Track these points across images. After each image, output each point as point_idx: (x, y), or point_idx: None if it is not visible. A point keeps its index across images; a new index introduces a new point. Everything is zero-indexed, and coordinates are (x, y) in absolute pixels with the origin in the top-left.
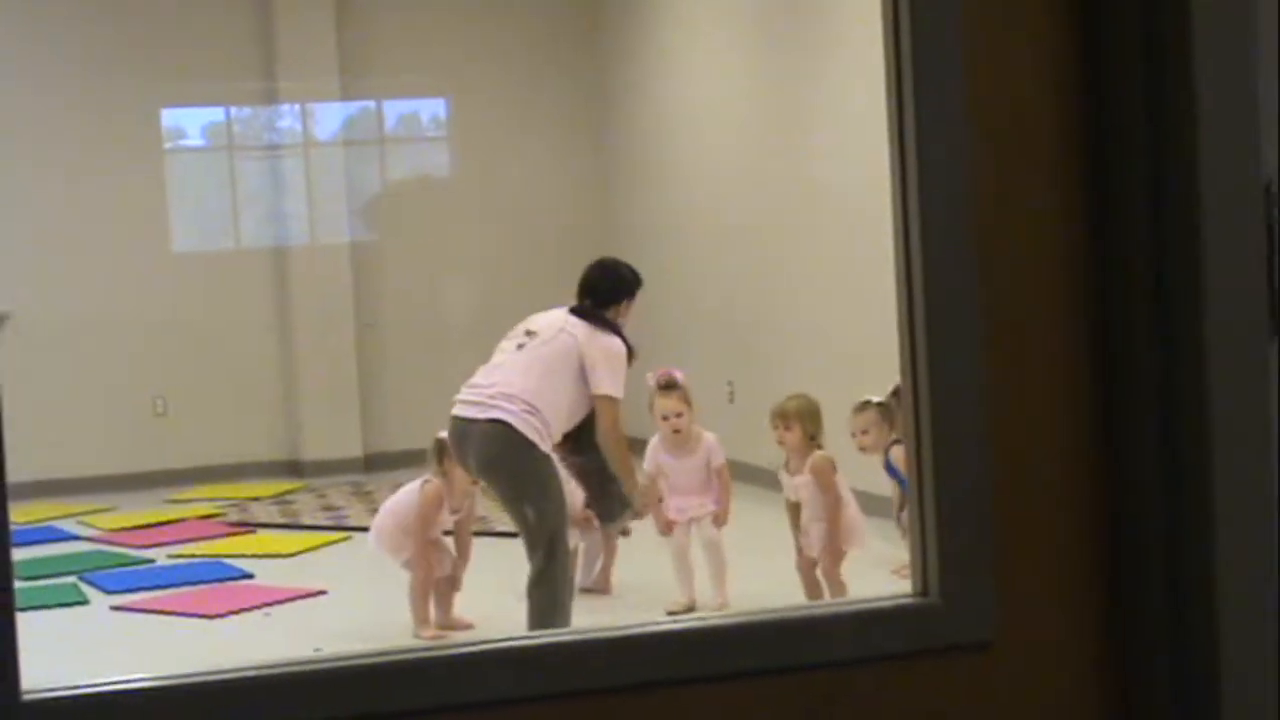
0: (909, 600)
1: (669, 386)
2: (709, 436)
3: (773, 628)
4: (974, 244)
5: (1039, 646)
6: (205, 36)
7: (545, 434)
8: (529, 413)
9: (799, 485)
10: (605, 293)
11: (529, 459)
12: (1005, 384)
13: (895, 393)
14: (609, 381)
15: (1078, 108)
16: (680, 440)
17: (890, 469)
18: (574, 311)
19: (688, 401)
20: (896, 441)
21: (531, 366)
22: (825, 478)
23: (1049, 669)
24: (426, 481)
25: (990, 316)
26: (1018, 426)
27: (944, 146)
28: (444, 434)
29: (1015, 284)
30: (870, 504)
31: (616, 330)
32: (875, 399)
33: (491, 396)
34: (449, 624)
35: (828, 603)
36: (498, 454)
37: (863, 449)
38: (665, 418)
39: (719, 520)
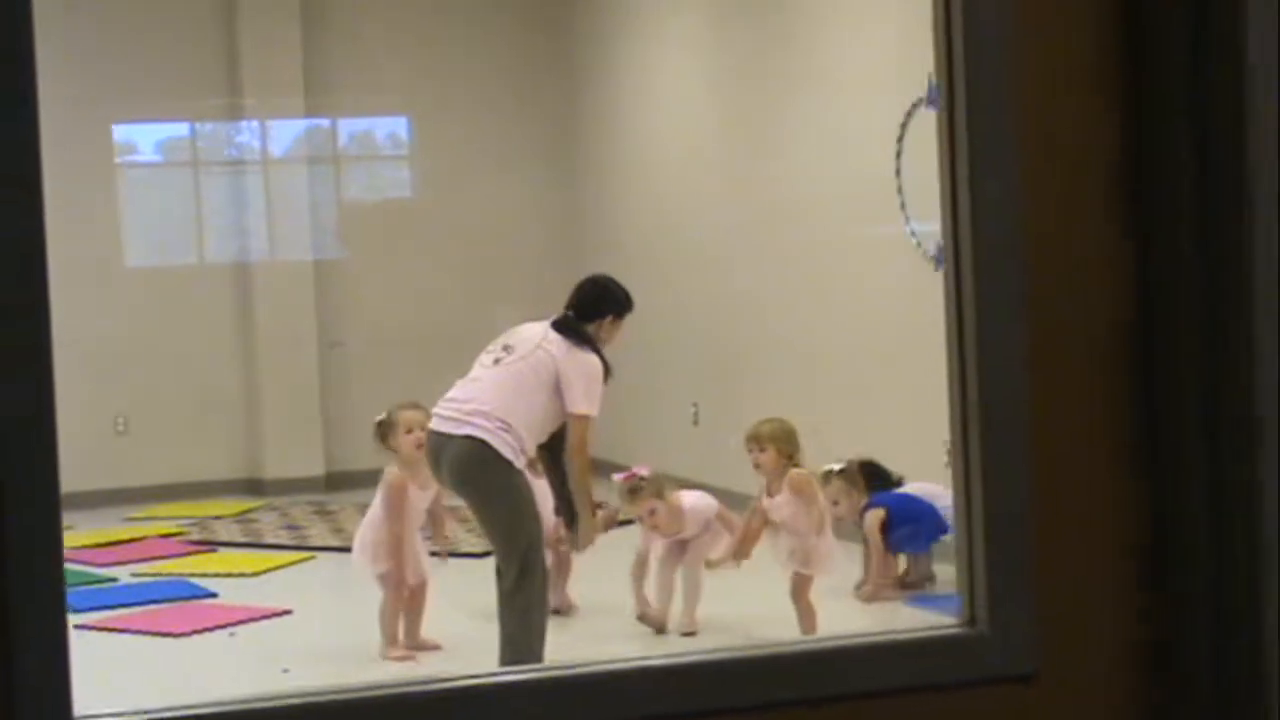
0: (956, 631)
1: (635, 491)
2: (686, 503)
3: (818, 657)
4: (1023, 285)
5: (1084, 678)
6: (169, 53)
7: (519, 450)
8: (503, 429)
9: (779, 504)
10: (590, 306)
11: (502, 475)
12: (1052, 420)
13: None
14: (584, 400)
15: (1124, 142)
16: (665, 530)
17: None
18: (556, 326)
19: (659, 494)
20: (868, 506)
21: (505, 383)
22: (807, 490)
23: (1094, 701)
24: (387, 473)
25: (1038, 352)
26: (1064, 461)
27: (998, 185)
28: (382, 416)
29: (1061, 322)
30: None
31: (594, 347)
32: (836, 467)
33: (467, 413)
34: (417, 645)
35: (873, 633)
36: (471, 469)
37: (839, 519)
38: (641, 519)
39: (739, 555)
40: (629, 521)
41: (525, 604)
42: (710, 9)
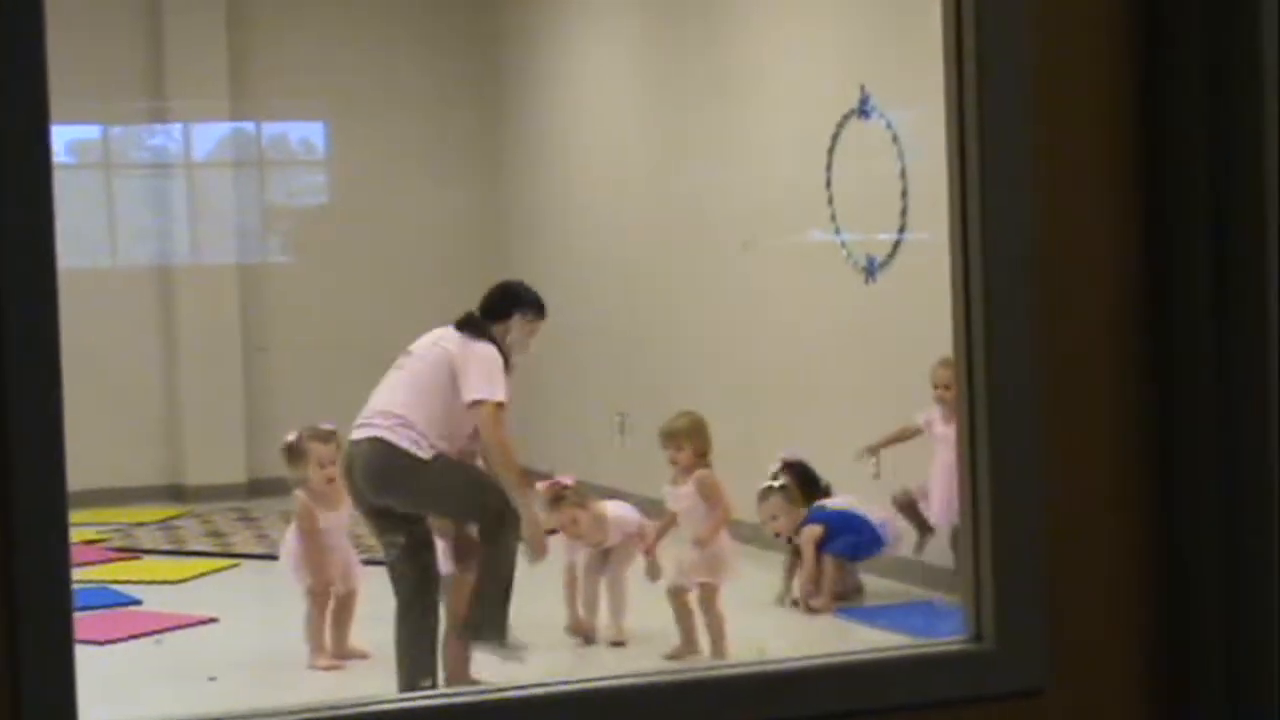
0: (964, 646)
1: (558, 500)
2: (609, 514)
3: (825, 673)
4: (1035, 298)
5: (1093, 695)
6: (91, 53)
7: (423, 443)
8: (402, 425)
9: (681, 495)
10: (494, 306)
11: (411, 466)
12: (1062, 433)
13: (785, 467)
14: (481, 385)
15: (1137, 144)
16: (588, 539)
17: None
18: (456, 324)
19: (582, 504)
20: (807, 521)
21: (401, 383)
22: (713, 490)
23: (1103, 717)
24: (295, 498)
25: (1048, 366)
26: (1074, 474)
27: (1008, 196)
28: (291, 438)
29: (1074, 337)
30: (746, 531)
31: (492, 339)
32: (775, 483)
33: (369, 417)
34: (345, 653)
35: (882, 648)
36: (380, 469)
37: (776, 534)
38: (563, 528)
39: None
40: (552, 531)
41: (495, 567)
42: (639, 16)
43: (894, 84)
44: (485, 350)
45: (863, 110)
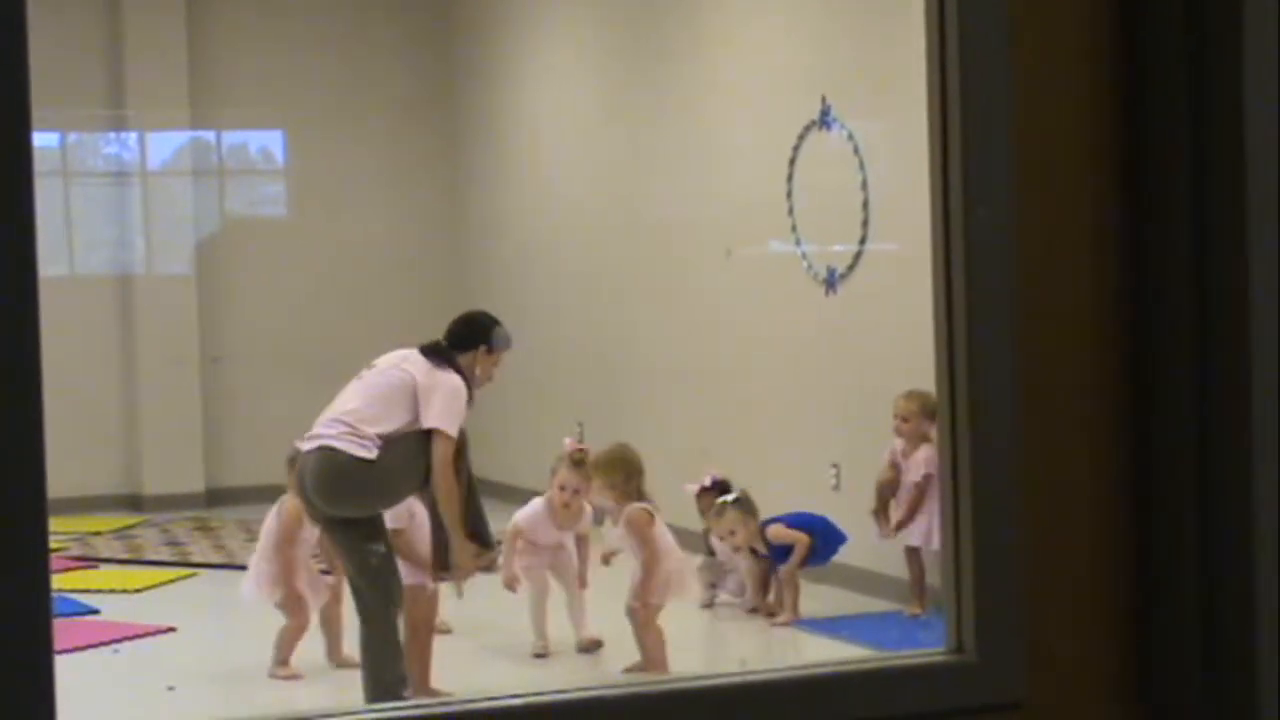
0: (943, 658)
1: (579, 463)
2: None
3: (803, 684)
4: (1013, 313)
5: (1071, 708)
6: (51, 60)
7: (370, 446)
8: (349, 432)
9: (618, 536)
10: (459, 336)
11: (356, 469)
12: (1042, 445)
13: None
14: (442, 416)
15: (1116, 160)
16: (569, 516)
17: (772, 549)
18: (422, 349)
19: (589, 478)
20: (767, 523)
21: (358, 393)
22: (639, 532)
23: None
24: (283, 502)
25: (1028, 378)
26: (1053, 487)
27: (989, 214)
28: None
29: (1052, 348)
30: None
31: (458, 370)
32: (730, 497)
33: (319, 427)
34: (341, 663)
35: (861, 659)
36: (328, 478)
37: (735, 549)
38: (563, 488)
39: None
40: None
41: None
42: (599, 28)
43: (855, 95)
44: (453, 381)
45: (824, 121)
